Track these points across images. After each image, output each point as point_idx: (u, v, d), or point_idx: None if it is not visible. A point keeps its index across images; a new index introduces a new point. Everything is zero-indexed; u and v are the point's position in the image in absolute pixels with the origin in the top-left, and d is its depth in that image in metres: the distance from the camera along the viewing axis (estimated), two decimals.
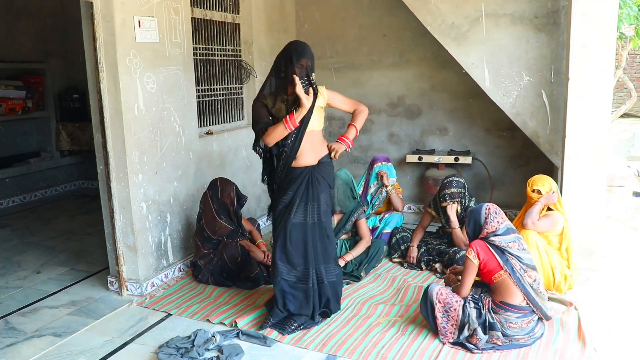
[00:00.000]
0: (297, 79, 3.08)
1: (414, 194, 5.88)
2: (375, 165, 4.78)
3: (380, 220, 4.68)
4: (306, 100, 3.09)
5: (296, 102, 3.15)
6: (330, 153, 3.32)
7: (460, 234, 4.15)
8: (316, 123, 3.27)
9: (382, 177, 4.70)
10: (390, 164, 4.81)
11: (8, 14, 6.34)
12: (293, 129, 3.15)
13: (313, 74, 3.19)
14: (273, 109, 3.20)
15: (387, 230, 4.61)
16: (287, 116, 3.13)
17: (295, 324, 3.26)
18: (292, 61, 3.14)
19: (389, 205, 4.85)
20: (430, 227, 4.57)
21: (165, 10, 3.91)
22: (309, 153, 3.27)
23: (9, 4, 6.31)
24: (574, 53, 3.84)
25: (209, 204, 4.05)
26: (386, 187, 4.71)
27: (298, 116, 3.12)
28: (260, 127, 3.23)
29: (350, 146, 3.32)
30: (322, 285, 3.32)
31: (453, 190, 4.24)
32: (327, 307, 3.39)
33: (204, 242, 4.04)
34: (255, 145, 3.31)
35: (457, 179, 4.30)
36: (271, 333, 3.22)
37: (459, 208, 4.26)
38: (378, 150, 5.89)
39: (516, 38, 4.34)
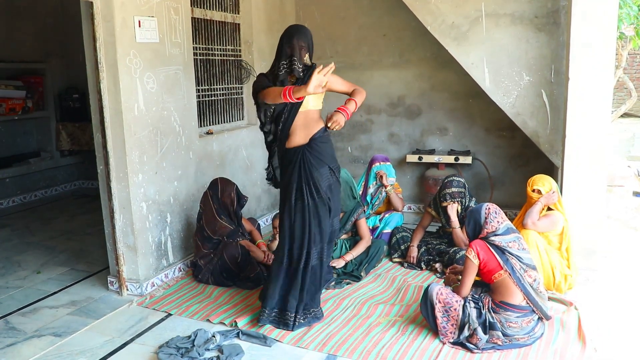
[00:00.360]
0: (319, 69, 2.91)
1: (414, 194, 5.87)
2: (373, 166, 4.77)
3: (380, 220, 4.68)
4: (313, 87, 2.89)
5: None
6: (328, 123, 3.21)
7: (460, 234, 4.15)
8: (312, 103, 3.26)
9: (381, 177, 4.69)
10: (389, 163, 4.80)
11: (8, 13, 6.34)
12: (289, 100, 2.99)
13: (306, 56, 3.15)
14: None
15: (387, 230, 4.61)
16: (289, 88, 2.99)
17: (290, 314, 3.21)
18: (282, 44, 3.17)
19: (388, 205, 4.85)
20: (430, 227, 4.56)
21: (165, 10, 3.91)
22: (301, 131, 3.25)
23: (9, 3, 6.31)
24: (574, 53, 3.84)
25: (209, 204, 4.05)
26: (385, 187, 4.70)
27: (295, 93, 2.96)
28: (261, 86, 3.17)
29: (349, 117, 3.22)
30: (306, 269, 3.24)
31: (453, 189, 4.24)
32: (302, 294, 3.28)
33: (204, 242, 4.04)
34: (262, 125, 3.34)
35: (457, 179, 4.30)
36: (272, 332, 3.22)
37: (459, 208, 4.26)
38: (378, 150, 5.89)
39: (516, 38, 4.34)
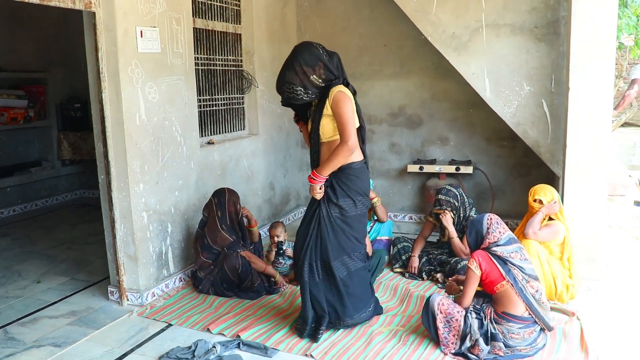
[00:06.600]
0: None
1: (414, 203, 5.87)
2: None
3: (370, 230, 4.58)
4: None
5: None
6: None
7: (459, 244, 4.13)
8: (326, 135, 3.19)
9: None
10: None
11: (11, 23, 6.38)
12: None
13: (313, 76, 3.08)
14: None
15: (383, 237, 4.56)
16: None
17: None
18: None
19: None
20: (431, 237, 4.56)
21: (167, 20, 3.93)
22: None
23: (12, 13, 6.35)
24: (574, 63, 3.85)
25: (213, 212, 4.04)
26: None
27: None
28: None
29: (317, 181, 3.15)
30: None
31: (441, 197, 4.26)
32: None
33: (204, 250, 4.02)
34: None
35: (449, 188, 4.28)
36: (273, 341, 3.20)
37: (452, 214, 4.23)
38: (379, 160, 5.89)
39: (516, 48, 4.36)
